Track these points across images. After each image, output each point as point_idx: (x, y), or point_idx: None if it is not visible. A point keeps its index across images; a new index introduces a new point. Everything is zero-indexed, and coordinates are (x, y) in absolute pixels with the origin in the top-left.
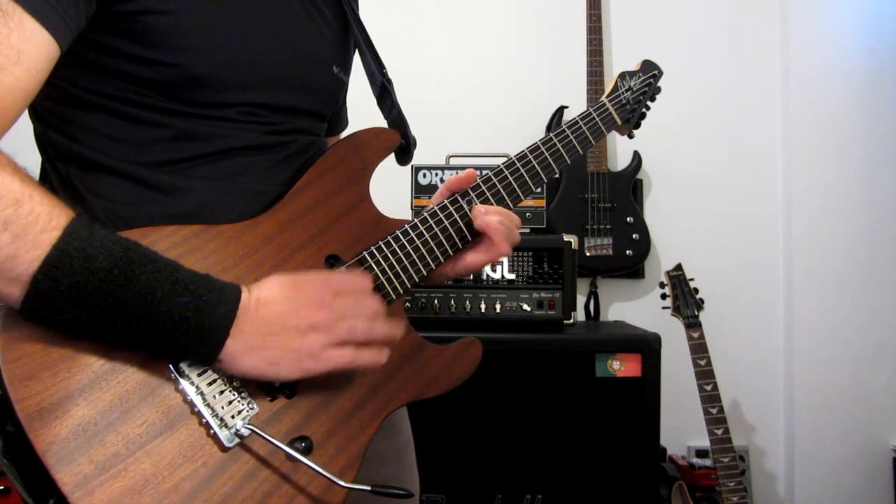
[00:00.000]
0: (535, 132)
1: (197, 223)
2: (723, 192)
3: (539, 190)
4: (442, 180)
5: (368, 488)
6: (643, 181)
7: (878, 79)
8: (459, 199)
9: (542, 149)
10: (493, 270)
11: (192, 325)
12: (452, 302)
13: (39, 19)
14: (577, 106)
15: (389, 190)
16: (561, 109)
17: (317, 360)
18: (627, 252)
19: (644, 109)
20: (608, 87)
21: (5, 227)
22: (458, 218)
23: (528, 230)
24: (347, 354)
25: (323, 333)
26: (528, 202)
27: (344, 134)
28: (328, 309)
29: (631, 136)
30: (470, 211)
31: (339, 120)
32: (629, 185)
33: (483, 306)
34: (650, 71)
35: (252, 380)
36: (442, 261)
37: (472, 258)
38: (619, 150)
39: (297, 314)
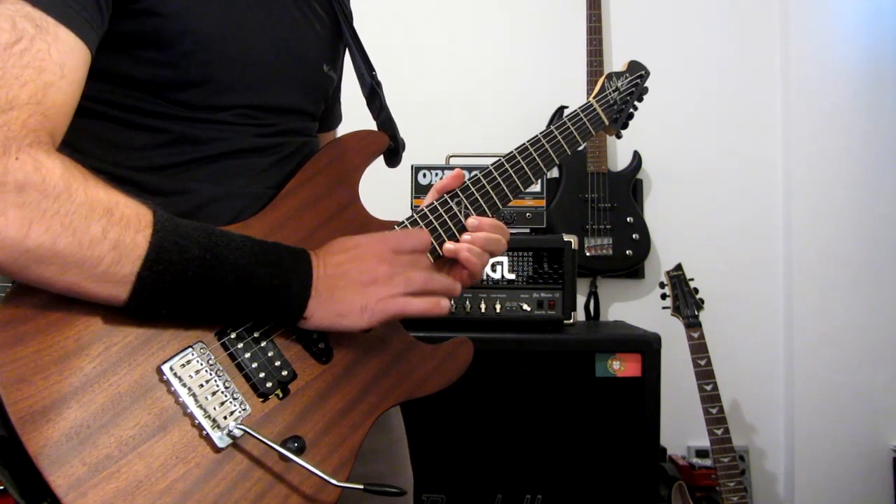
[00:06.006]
0: (534, 132)
1: None
2: (723, 192)
3: (531, 189)
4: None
5: (361, 487)
6: (643, 181)
7: (878, 78)
8: (449, 200)
9: (531, 150)
10: (493, 270)
11: (282, 293)
12: (452, 302)
13: (72, 28)
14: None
15: (390, 190)
16: (560, 109)
17: (376, 311)
18: (627, 252)
19: (632, 109)
20: (595, 88)
21: (104, 237)
22: (447, 219)
23: (528, 230)
24: (401, 302)
25: (383, 286)
26: (528, 202)
27: (338, 131)
28: (388, 263)
29: (619, 136)
30: (459, 212)
31: (332, 116)
32: (629, 185)
33: (483, 306)
34: (637, 72)
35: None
36: (432, 260)
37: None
38: (619, 150)
39: (360, 269)
